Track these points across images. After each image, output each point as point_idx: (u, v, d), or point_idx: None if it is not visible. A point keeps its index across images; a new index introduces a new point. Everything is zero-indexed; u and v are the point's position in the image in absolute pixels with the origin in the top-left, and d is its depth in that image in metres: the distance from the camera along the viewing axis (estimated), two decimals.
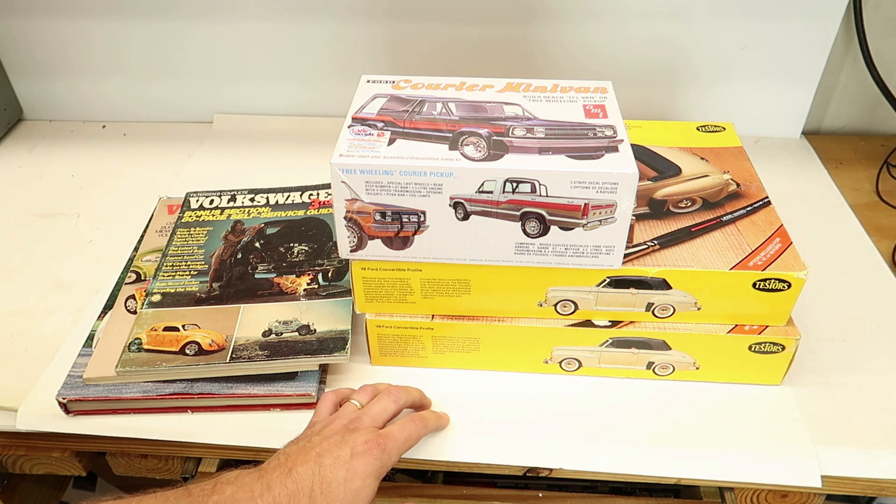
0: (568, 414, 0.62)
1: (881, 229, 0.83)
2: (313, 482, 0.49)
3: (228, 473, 0.49)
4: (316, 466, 0.49)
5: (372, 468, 0.50)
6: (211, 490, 0.48)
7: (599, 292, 0.60)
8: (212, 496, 0.47)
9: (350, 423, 0.54)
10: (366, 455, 0.51)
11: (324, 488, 0.48)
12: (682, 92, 0.97)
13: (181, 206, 0.81)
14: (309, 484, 0.48)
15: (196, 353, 0.62)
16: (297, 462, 0.50)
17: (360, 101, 0.62)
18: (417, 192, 0.55)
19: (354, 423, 0.54)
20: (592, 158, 0.54)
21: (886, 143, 0.99)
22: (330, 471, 0.49)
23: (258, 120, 1.04)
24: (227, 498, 0.47)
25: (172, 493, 0.48)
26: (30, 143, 1.02)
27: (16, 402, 0.63)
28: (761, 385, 0.64)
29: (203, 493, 0.47)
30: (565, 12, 0.91)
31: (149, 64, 1.00)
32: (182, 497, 0.47)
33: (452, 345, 0.64)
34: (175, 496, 0.47)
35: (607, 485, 0.75)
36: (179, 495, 0.47)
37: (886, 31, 0.92)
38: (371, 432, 0.53)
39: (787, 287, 0.59)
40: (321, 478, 0.49)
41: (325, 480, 0.49)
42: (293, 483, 0.48)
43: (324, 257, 0.72)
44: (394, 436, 0.53)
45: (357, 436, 0.52)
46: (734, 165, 0.71)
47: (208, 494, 0.47)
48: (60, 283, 0.77)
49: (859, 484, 0.60)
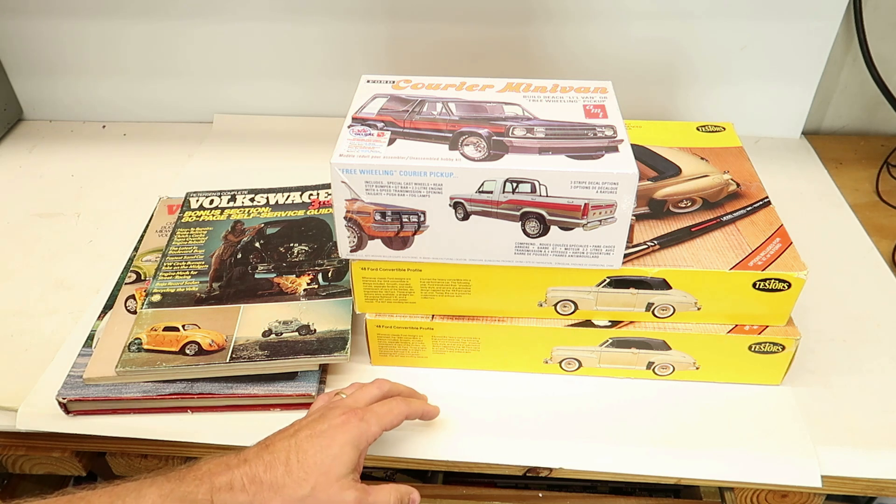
0: (568, 414, 0.62)
1: (881, 229, 0.83)
2: (289, 452, 0.49)
3: (207, 457, 0.51)
4: (293, 440, 0.50)
5: (350, 436, 0.51)
6: (188, 468, 0.49)
7: (599, 292, 0.60)
8: (189, 472, 0.48)
9: (330, 403, 0.55)
10: (343, 425, 0.51)
11: (300, 456, 0.49)
12: (682, 92, 0.97)
13: (181, 206, 0.81)
14: (285, 454, 0.49)
15: (196, 353, 0.62)
16: (276, 439, 0.51)
17: (360, 101, 0.62)
18: (417, 192, 0.55)
19: (335, 403, 0.55)
20: (592, 158, 0.54)
21: (886, 143, 0.99)
22: (306, 441, 0.50)
23: (258, 120, 1.04)
24: (204, 472, 0.48)
25: (150, 476, 0.48)
26: (30, 143, 1.02)
27: (16, 402, 0.63)
28: (761, 385, 0.64)
29: (180, 472, 0.49)
30: (565, 12, 0.91)
31: (149, 64, 1.00)
32: (159, 476, 0.48)
33: (452, 345, 0.64)
34: (152, 477, 0.48)
35: (607, 485, 0.75)
36: (157, 475, 0.48)
37: (886, 31, 0.92)
38: (349, 407, 0.54)
39: (787, 287, 0.59)
40: (297, 447, 0.50)
41: (300, 449, 0.50)
42: (269, 454, 0.49)
43: (324, 257, 0.72)
44: (373, 408, 0.54)
45: (335, 410, 0.53)
46: (734, 165, 0.71)
47: (185, 472, 0.48)
48: (60, 283, 0.77)
49: (859, 484, 0.60)
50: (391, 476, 0.78)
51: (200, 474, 0.48)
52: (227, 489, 0.47)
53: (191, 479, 0.48)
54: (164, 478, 0.48)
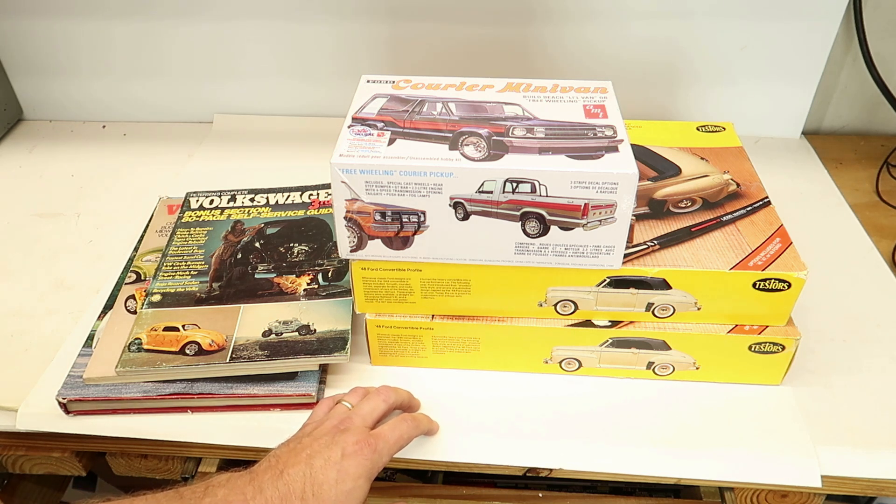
0: (568, 414, 0.62)
1: (881, 229, 0.83)
2: (304, 484, 0.48)
3: (220, 476, 0.49)
4: (307, 468, 0.49)
5: (363, 469, 0.50)
6: (203, 493, 0.47)
7: (599, 292, 0.60)
8: (204, 499, 0.47)
9: (340, 423, 0.54)
10: (356, 455, 0.51)
11: (315, 490, 0.48)
12: (682, 92, 0.97)
13: (181, 206, 0.81)
14: (300, 486, 0.48)
15: (196, 353, 0.62)
16: (289, 464, 0.50)
17: (360, 101, 0.62)
18: (417, 192, 0.55)
19: (345, 424, 0.54)
20: (592, 158, 0.54)
21: (886, 143, 0.99)
22: (321, 472, 0.49)
23: (258, 120, 1.04)
24: (220, 500, 0.47)
25: (163, 496, 0.47)
26: (30, 143, 1.02)
27: (16, 402, 0.63)
28: (761, 385, 0.64)
29: (195, 495, 0.47)
30: (565, 12, 0.91)
31: (149, 64, 1.00)
32: (173, 500, 0.47)
33: (452, 345, 0.64)
34: (166, 499, 0.47)
35: (607, 485, 0.75)
36: (170, 498, 0.47)
37: (886, 31, 0.92)
38: (362, 433, 0.53)
39: (787, 287, 0.59)
40: (312, 479, 0.49)
41: (316, 482, 0.49)
42: (284, 485, 0.48)
43: (324, 257, 0.72)
44: (385, 436, 0.54)
45: (347, 436, 0.52)
46: (734, 165, 0.71)
47: (200, 497, 0.47)
48: (60, 283, 0.77)
49: (859, 484, 0.60)
50: (391, 476, 0.78)
51: (216, 501, 0.47)
52: None
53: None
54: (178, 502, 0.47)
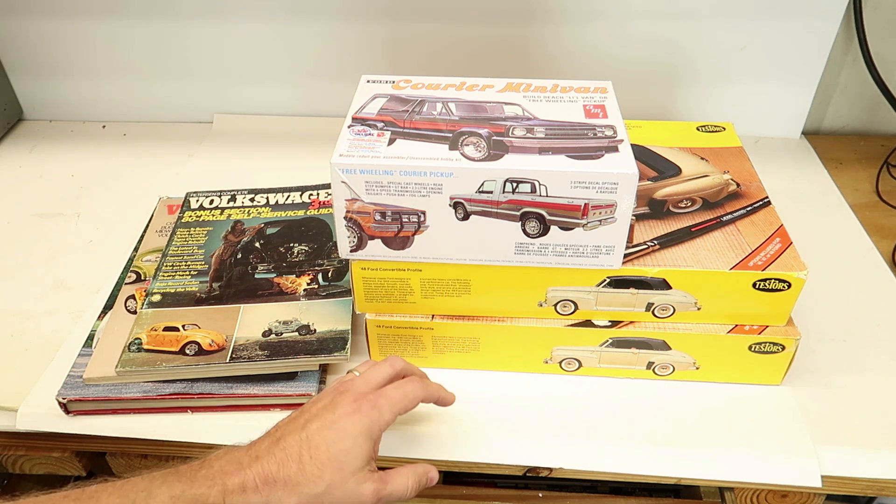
0: (568, 414, 0.62)
1: (881, 229, 0.83)
2: (301, 448, 0.48)
3: (218, 450, 0.49)
4: (303, 433, 0.48)
5: (362, 426, 0.49)
6: (199, 466, 0.47)
7: (599, 292, 0.60)
8: (200, 471, 0.47)
9: (340, 385, 0.53)
10: (354, 413, 0.49)
11: (312, 452, 0.47)
12: (682, 92, 0.97)
13: (181, 206, 0.81)
14: (297, 450, 0.47)
15: (196, 353, 0.62)
16: (286, 432, 0.49)
17: (360, 101, 0.62)
18: (417, 192, 0.55)
19: (345, 386, 0.53)
20: (592, 158, 0.54)
21: (886, 143, 0.99)
22: (317, 434, 0.48)
23: (258, 120, 1.04)
24: (216, 471, 0.47)
25: (160, 474, 0.47)
26: (30, 143, 1.02)
27: (16, 402, 0.63)
28: (761, 385, 0.64)
29: (191, 469, 0.47)
30: (565, 12, 0.91)
31: (149, 64, 1.00)
32: (170, 475, 0.47)
33: (452, 345, 0.64)
34: (162, 476, 0.47)
35: (607, 485, 0.75)
36: (167, 474, 0.47)
37: (886, 31, 0.92)
38: (360, 392, 0.51)
39: (787, 287, 0.59)
40: (309, 442, 0.48)
41: (312, 444, 0.48)
42: (281, 451, 0.47)
43: (324, 257, 0.72)
44: (386, 393, 0.51)
45: (345, 396, 0.51)
46: (734, 165, 0.71)
47: (196, 470, 0.47)
48: (60, 283, 0.77)
49: (859, 484, 0.60)
50: None
51: (212, 473, 0.46)
52: (239, 491, 0.46)
53: (202, 478, 0.46)
54: (174, 476, 0.46)
